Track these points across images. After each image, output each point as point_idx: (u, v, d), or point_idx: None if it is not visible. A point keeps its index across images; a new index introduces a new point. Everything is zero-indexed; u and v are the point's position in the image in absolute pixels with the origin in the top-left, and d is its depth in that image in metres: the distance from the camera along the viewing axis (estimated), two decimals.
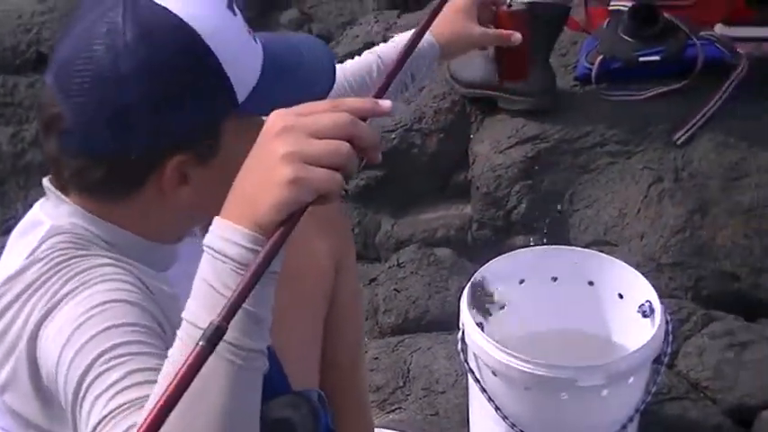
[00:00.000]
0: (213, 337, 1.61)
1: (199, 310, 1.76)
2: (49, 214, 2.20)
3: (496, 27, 2.79)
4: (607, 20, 4.41)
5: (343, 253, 2.92)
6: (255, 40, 2.22)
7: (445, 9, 2.53)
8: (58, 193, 2.20)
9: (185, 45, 2.07)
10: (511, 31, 2.75)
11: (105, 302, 1.99)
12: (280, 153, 1.70)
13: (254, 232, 1.73)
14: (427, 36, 2.71)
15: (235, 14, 2.18)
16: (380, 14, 5.10)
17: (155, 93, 2.06)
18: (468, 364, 3.17)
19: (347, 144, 1.70)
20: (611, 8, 4.41)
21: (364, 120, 1.73)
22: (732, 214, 4.03)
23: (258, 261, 1.67)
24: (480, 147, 4.28)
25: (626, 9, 4.33)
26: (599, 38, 4.37)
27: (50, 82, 2.09)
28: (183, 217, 2.24)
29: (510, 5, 2.79)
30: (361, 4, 5.21)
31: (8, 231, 2.26)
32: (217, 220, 1.78)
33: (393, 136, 4.28)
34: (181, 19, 2.06)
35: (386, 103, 1.74)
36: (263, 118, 1.90)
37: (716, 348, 3.67)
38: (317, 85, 2.32)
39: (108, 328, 1.94)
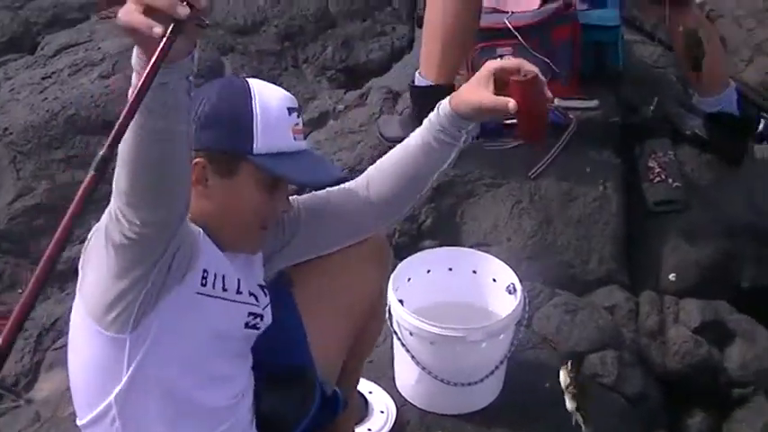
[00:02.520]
0: (100, 164, 1.68)
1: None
2: None
3: (507, 95, 2.39)
4: None
5: (383, 280, 2.89)
6: (296, 138, 2.32)
7: (472, 78, 2.48)
8: None
9: (239, 102, 2.25)
10: (507, 99, 2.37)
11: None
12: None
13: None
14: (446, 107, 2.50)
15: (290, 115, 2.31)
16: (332, 92, 5.10)
17: (204, 118, 2.21)
18: (393, 327, 3.22)
19: None
20: None
21: None
22: (567, 224, 4.10)
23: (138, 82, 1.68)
24: None
25: None
26: None
27: None
28: (208, 216, 2.27)
29: (525, 75, 2.40)
30: (319, 85, 5.19)
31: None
32: None
33: (344, 174, 4.27)
34: (250, 92, 2.25)
35: None
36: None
37: (557, 314, 3.73)
38: (318, 176, 2.43)
39: None
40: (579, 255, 4.05)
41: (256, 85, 2.30)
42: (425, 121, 2.58)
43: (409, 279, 3.31)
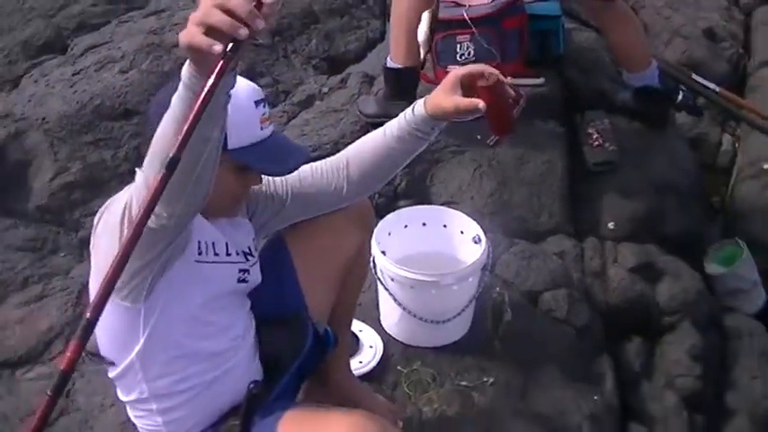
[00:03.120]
0: (170, 165, 1.64)
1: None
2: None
3: (476, 97, 2.38)
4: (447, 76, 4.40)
5: (367, 239, 2.86)
6: (263, 128, 2.24)
7: (441, 83, 2.42)
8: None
9: None
10: (478, 101, 2.36)
11: None
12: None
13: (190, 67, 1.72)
14: (421, 110, 2.42)
15: (257, 107, 2.21)
16: (317, 78, 5.08)
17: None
18: (377, 275, 3.19)
19: (216, 10, 1.59)
20: (447, 69, 4.40)
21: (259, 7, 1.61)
22: (521, 184, 4.08)
23: (198, 103, 1.64)
24: None
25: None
26: None
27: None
28: None
29: (488, 79, 2.40)
30: (306, 73, 5.16)
31: None
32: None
33: (329, 147, 4.25)
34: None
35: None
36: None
37: (515, 260, 3.70)
38: (285, 166, 2.33)
39: None
40: (532, 210, 4.04)
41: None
42: (401, 116, 2.50)
43: (389, 233, 3.28)
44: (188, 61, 1.72)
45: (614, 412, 3.36)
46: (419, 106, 2.46)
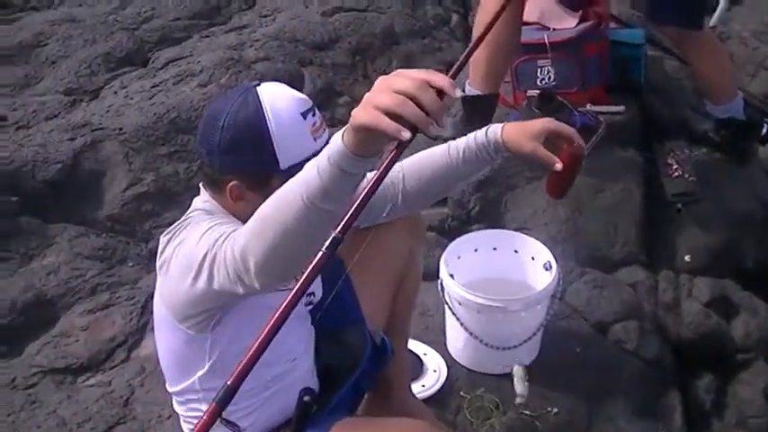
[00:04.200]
0: (332, 246, 1.61)
1: (308, 168, 1.72)
2: (196, 202, 2.25)
3: (555, 153, 2.36)
4: (525, 101, 4.38)
5: (417, 248, 2.81)
6: (316, 138, 2.14)
7: (529, 123, 2.40)
8: (204, 190, 2.25)
9: (254, 128, 2.11)
10: (554, 159, 2.35)
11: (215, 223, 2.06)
12: (365, 98, 1.60)
13: (345, 149, 1.63)
14: (497, 137, 2.40)
15: (305, 119, 2.13)
16: None
17: (228, 145, 2.11)
18: (444, 298, 3.16)
19: (410, 102, 1.55)
20: (527, 94, 4.38)
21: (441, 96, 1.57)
22: (596, 212, 4.02)
23: (366, 188, 1.61)
24: None
25: (536, 94, 4.31)
26: (520, 111, 4.34)
27: (197, 133, 2.22)
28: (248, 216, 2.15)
29: (575, 144, 2.41)
30: None
31: None
32: (339, 132, 1.64)
33: None
34: (262, 112, 2.09)
35: (457, 92, 1.59)
36: None
37: (587, 289, 3.65)
38: None
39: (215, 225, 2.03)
40: (606, 238, 3.97)
41: (268, 97, 2.11)
42: (470, 137, 2.47)
43: (459, 257, 3.26)
44: (343, 140, 1.64)
45: None
46: (494, 132, 2.42)
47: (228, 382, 1.62)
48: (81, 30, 5.39)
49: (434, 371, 3.20)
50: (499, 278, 3.27)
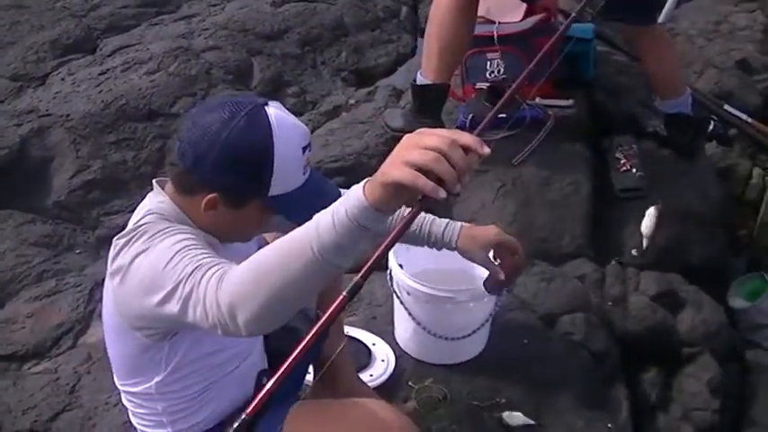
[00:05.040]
0: (352, 290, 1.65)
1: (322, 219, 1.69)
2: (151, 201, 2.18)
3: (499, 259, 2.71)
4: (474, 93, 4.39)
5: None
6: (305, 172, 2.13)
7: (480, 230, 2.70)
8: (159, 189, 2.19)
9: (260, 154, 2.05)
10: (498, 271, 2.68)
11: (181, 240, 1.98)
12: (395, 155, 1.63)
13: (367, 204, 1.63)
14: (452, 243, 2.68)
15: (303, 153, 2.11)
16: (345, 90, 5.06)
17: (225, 161, 2.05)
18: (393, 288, 3.16)
19: (442, 158, 1.58)
20: (477, 87, 4.39)
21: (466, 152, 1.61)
22: (544, 206, 4.03)
23: (389, 238, 1.66)
24: None
25: (485, 87, 4.33)
26: (469, 104, 4.36)
27: (194, 111, 2.15)
28: (214, 228, 2.17)
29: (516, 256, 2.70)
30: (334, 84, 5.14)
31: (131, 212, 2.25)
32: (359, 186, 1.65)
33: (353, 158, 4.25)
34: (271, 139, 2.04)
35: (485, 149, 1.63)
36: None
37: (535, 281, 3.65)
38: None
39: (185, 248, 1.94)
40: (554, 232, 3.99)
41: (277, 123, 2.06)
42: (428, 219, 2.69)
43: (408, 248, 3.23)
44: (365, 195, 1.64)
45: None
46: (451, 234, 2.69)
47: (246, 415, 1.68)
48: (28, 15, 5.32)
49: (383, 360, 3.19)
50: (448, 269, 3.24)
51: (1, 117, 4.35)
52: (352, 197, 1.66)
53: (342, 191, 2.24)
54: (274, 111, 2.08)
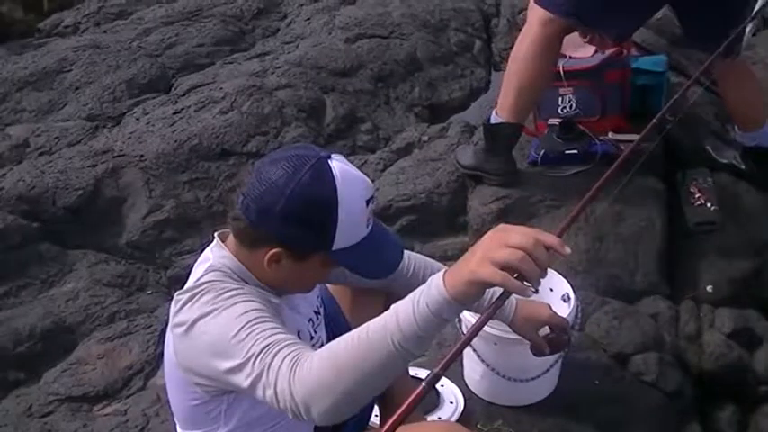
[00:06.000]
0: (432, 381, 1.65)
1: (401, 312, 1.76)
2: (214, 255, 2.18)
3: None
4: (547, 129, 4.36)
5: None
6: (368, 225, 2.14)
7: (534, 310, 2.76)
8: (220, 242, 2.20)
9: (325, 208, 2.04)
10: (544, 346, 2.76)
11: (250, 311, 1.99)
12: (480, 253, 1.69)
13: (449, 298, 1.71)
14: (511, 315, 2.73)
15: (367, 206, 2.12)
16: (418, 126, 5.06)
17: (290, 215, 2.04)
18: (461, 329, 3.13)
19: (528, 257, 1.65)
20: (549, 123, 4.36)
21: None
22: (617, 242, 3.97)
23: (470, 332, 1.72)
24: (473, 202, 4.22)
25: (557, 123, 4.29)
26: (542, 140, 4.32)
27: (258, 165, 2.12)
28: (276, 282, 2.18)
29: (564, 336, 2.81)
30: (407, 120, 5.14)
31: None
32: (439, 279, 1.73)
33: (424, 196, 4.24)
34: (336, 193, 2.03)
35: (567, 249, 1.73)
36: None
37: (607, 320, 3.58)
38: (378, 272, 2.23)
39: (254, 321, 1.96)
40: (627, 268, 3.91)
41: (342, 177, 2.06)
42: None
43: None
44: (446, 289, 1.72)
45: None
46: (508, 314, 2.74)
47: None
48: (104, 56, 5.43)
49: (451, 402, 3.16)
50: None
51: (77, 158, 4.42)
52: (434, 291, 1.72)
53: (400, 243, 2.29)
54: (338, 164, 2.08)
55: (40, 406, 3.34)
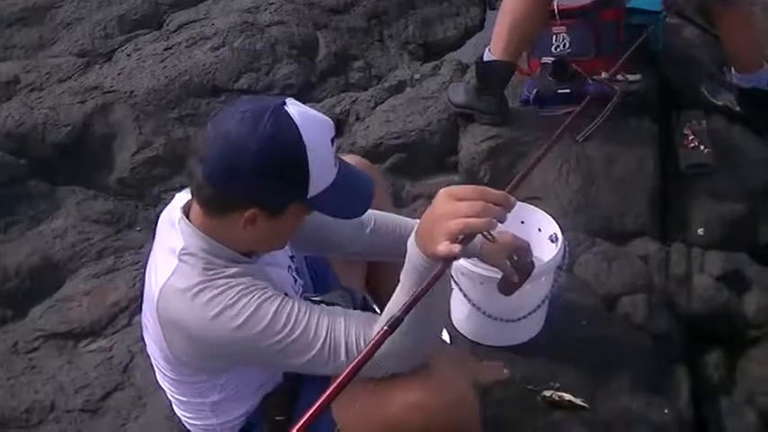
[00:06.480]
0: (394, 324, 1.77)
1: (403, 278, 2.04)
2: (184, 235, 2.14)
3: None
4: (539, 68, 4.31)
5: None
6: (336, 165, 2.09)
7: (502, 240, 2.63)
8: (187, 220, 2.16)
9: (295, 155, 1.98)
10: (513, 272, 2.67)
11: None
12: (437, 228, 1.89)
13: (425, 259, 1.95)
14: (477, 241, 2.59)
15: (332, 145, 2.07)
16: (411, 64, 5.01)
17: (261, 170, 1.96)
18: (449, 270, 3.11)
19: (477, 220, 1.88)
20: (542, 61, 4.31)
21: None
22: (608, 183, 3.95)
23: (427, 281, 1.88)
24: (464, 141, 4.18)
25: (550, 62, 4.24)
26: (534, 79, 4.28)
27: (209, 127, 2.03)
28: (253, 244, 2.16)
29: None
30: (401, 58, 5.09)
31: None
32: (413, 245, 1.98)
33: (414, 134, 4.21)
34: (301, 138, 1.98)
35: (513, 200, 1.98)
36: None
37: (596, 261, 3.59)
38: (355, 211, 2.22)
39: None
40: (618, 210, 3.89)
41: (301, 121, 2.00)
42: None
43: None
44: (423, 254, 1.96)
45: (687, 426, 3.20)
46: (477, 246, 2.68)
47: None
48: None
49: None
50: None
51: (66, 94, 4.40)
52: (418, 264, 1.98)
53: (367, 175, 2.29)
54: (295, 108, 2.02)
55: (26, 342, 3.32)
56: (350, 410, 1.93)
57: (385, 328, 1.74)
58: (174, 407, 2.47)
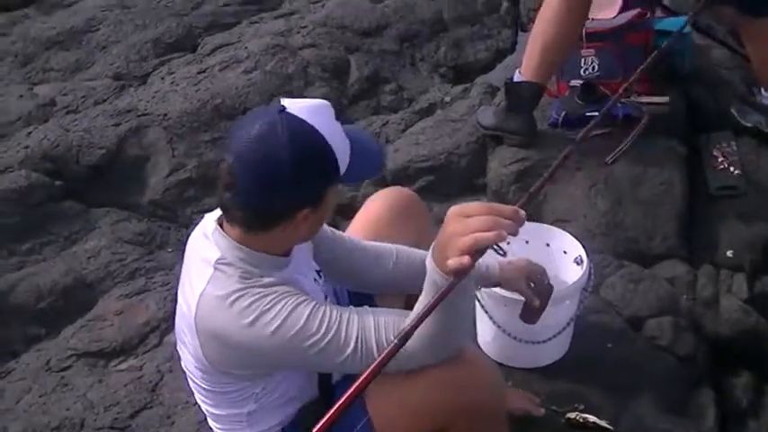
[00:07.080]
0: (402, 339, 1.84)
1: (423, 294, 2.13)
2: (220, 246, 2.19)
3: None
4: (568, 91, 4.32)
5: (420, 231, 2.85)
6: (344, 135, 2.16)
7: (518, 265, 2.80)
8: (221, 231, 2.21)
9: (321, 149, 2.06)
10: (533, 297, 2.76)
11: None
12: (450, 244, 1.96)
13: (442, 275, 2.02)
14: (496, 269, 2.80)
15: (342, 125, 2.16)
16: (441, 87, 5.03)
17: (300, 175, 2.04)
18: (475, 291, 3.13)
19: (489, 234, 1.97)
20: (570, 84, 4.33)
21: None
22: (636, 205, 3.93)
23: (441, 292, 1.96)
24: (492, 163, 4.21)
25: (578, 85, 4.25)
26: (563, 101, 4.29)
27: (231, 161, 2.06)
28: (294, 241, 2.24)
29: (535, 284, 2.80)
30: (432, 81, 5.12)
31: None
32: (431, 262, 2.05)
33: (443, 157, 4.23)
34: (317, 131, 2.06)
35: (522, 214, 2.09)
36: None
37: (622, 283, 3.57)
38: (376, 164, 2.37)
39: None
40: (645, 232, 3.87)
41: (305, 115, 2.08)
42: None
43: (489, 252, 3.19)
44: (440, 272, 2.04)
45: None
46: (493, 269, 2.80)
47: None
48: (132, 15, 5.46)
49: None
50: None
51: (101, 117, 4.46)
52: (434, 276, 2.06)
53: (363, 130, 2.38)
54: (294, 107, 2.10)
55: (59, 360, 3.38)
56: (381, 398, 2.16)
57: (395, 341, 1.81)
58: (209, 420, 2.50)
